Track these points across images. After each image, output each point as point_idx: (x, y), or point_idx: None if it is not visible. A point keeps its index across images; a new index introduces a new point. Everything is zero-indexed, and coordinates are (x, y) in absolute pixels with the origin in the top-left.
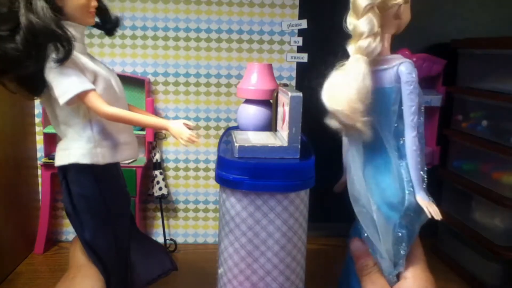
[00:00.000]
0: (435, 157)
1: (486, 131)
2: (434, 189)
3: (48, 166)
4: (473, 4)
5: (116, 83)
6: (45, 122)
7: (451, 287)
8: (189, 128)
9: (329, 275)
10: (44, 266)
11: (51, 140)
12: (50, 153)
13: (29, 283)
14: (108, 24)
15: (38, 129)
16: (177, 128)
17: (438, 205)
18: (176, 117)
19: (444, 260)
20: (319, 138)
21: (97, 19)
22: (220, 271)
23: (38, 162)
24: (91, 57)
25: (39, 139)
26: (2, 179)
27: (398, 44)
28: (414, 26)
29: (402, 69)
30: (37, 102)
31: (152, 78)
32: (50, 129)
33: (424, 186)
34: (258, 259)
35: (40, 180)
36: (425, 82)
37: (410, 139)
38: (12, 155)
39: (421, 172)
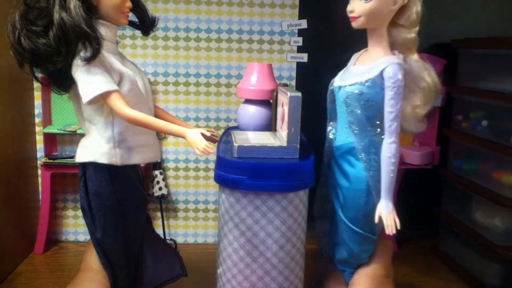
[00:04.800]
0: (435, 157)
1: (486, 131)
2: (434, 189)
3: (48, 166)
4: (473, 4)
5: (143, 85)
6: (45, 122)
7: (451, 287)
8: (207, 137)
9: None
10: (44, 266)
11: (51, 140)
12: (50, 153)
13: (29, 283)
14: (145, 23)
15: (38, 129)
16: (194, 138)
17: (439, 205)
18: (176, 117)
19: (445, 260)
20: (318, 137)
21: (135, 18)
22: (219, 271)
23: (38, 162)
24: (122, 57)
25: (39, 139)
26: (2, 179)
27: None
28: None
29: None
30: (37, 102)
31: (152, 78)
32: (50, 129)
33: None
34: (257, 259)
35: (40, 180)
36: None
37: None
38: (12, 155)
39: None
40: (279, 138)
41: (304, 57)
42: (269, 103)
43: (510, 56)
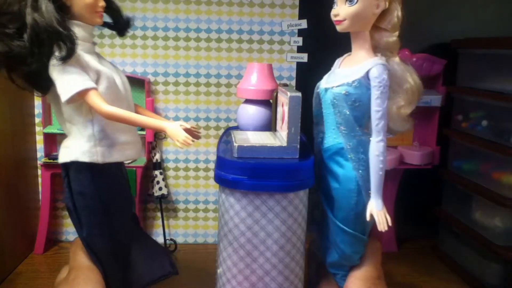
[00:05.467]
0: (435, 157)
1: (486, 131)
2: (434, 189)
3: (48, 166)
4: (473, 4)
5: (121, 83)
6: (45, 122)
7: (451, 287)
8: (187, 130)
9: None
10: (44, 266)
11: (51, 140)
12: (50, 153)
13: (29, 283)
14: (119, 24)
15: (38, 129)
16: (173, 130)
17: (439, 205)
18: (176, 117)
19: (445, 260)
20: None
21: (109, 20)
22: (219, 271)
23: (38, 162)
24: (98, 56)
25: (39, 139)
26: (2, 179)
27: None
28: (414, 26)
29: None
30: (37, 102)
31: (152, 78)
32: (50, 129)
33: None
34: (257, 259)
35: (40, 180)
36: (425, 82)
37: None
38: (12, 155)
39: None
40: (279, 138)
41: (304, 57)
42: (269, 103)
43: (510, 56)
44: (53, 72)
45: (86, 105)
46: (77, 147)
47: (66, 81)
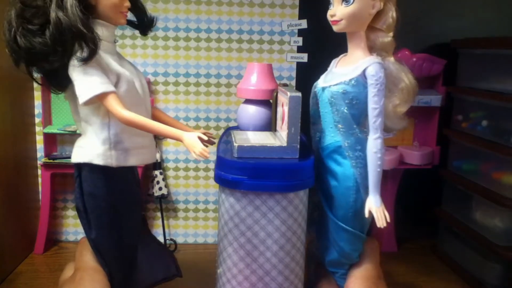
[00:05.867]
0: (435, 157)
1: (486, 131)
2: (434, 189)
3: (48, 166)
4: (473, 4)
5: (140, 86)
6: (45, 122)
7: (451, 287)
8: (204, 141)
9: None
10: (44, 266)
11: (51, 140)
12: (50, 153)
13: (29, 283)
14: (144, 23)
15: (38, 129)
16: (191, 141)
17: (439, 205)
18: (176, 117)
19: (444, 260)
20: None
21: (133, 18)
22: (219, 271)
23: (38, 162)
24: (119, 57)
25: (39, 139)
26: (2, 179)
27: (398, 44)
28: (414, 26)
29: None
30: (37, 102)
31: (152, 78)
32: (50, 129)
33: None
34: (257, 259)
35: (40, 180)
36: (425, 82)
37: (371, 141)
38: (12, 155)
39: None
40: (279, 138)
41: (304, 57)
42: (269, 103)
43: (510, 56)
44: (73, 72)
45: (104, 107)
46: (92, 149)
47: (85, 83)
